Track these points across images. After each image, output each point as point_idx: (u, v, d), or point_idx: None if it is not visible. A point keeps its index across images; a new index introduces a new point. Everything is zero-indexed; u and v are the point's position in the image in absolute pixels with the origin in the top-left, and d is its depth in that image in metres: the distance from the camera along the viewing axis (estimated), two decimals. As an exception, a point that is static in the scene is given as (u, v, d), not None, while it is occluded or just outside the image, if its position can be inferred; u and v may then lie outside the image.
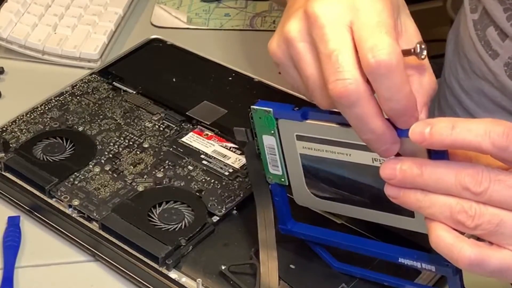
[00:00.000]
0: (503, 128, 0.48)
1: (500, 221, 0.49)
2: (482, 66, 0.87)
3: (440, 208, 0.50)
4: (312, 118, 0.56)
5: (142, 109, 0.79)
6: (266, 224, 0.62)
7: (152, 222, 0.67)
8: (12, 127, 0.76)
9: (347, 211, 0.60)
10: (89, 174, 0.71)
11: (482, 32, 0.87)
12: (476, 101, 0.91)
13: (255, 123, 0.58)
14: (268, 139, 0.58)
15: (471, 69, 0.90)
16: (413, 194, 0.51)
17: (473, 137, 0.48)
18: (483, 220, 0.49)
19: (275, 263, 0.61)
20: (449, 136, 0.48)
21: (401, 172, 0.51)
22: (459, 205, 0.49)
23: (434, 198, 0.50)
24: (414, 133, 0.50)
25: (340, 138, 0.55)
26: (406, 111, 0.51)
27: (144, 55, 0.87)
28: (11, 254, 0.67)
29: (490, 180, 0.49)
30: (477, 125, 0.48)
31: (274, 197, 0.62)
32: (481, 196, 0.49)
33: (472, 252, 0.49)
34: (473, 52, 0.89)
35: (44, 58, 0.89)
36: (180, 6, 0.99)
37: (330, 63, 0.52)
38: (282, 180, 0.61)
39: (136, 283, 0.65)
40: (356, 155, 0.55)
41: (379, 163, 0.54)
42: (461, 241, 0.50)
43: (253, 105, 0.58)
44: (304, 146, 0.57)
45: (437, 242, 0.50)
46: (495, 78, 0.86)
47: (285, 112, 0.57)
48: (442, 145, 0.49)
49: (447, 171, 0.49)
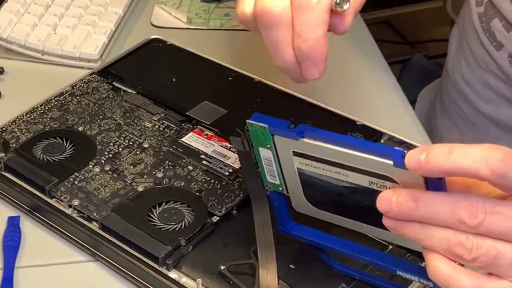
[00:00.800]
0: (502, 153, 0.47)
1: (498, 253, 0.48)
2: (486, 58, 0.88)
3: (438, 240, 0.49)
4: (308, 137, 0.55)
5: (142, 109, 0.79)
6: (263, 225, 0.62)
7: (152, 222, 0.67)
8: (12, 127, 0.76)
9: (344, 223, 0.60)
10: (89, 174, 0.71)
11: (487, 24, 0.87)
12: (479, 94, 0.91)
13: (251, 136, 0.58)
14: (264, 152, 0.58)
15: (475, 61, 0.90)
16: (411, 226, 0.50)
17: (471, 163, 0.47)
18: (480, 253, 0.48)
19: (274, 263, 0.61)
20: (446, 162, 0.47)
21: (397, 205, 0.50)
22: (456, 238, 0.49)
23: (431, 230, 0.50)
24: (410, 160, 0.49)
25: (337, 160, 0.54)
26: (311, 55, 0.52)
27: (144, 55, 0.87)
28: (11, 254, 0.67)
29: (485, 213, 0.48)
30: (475, 151, 0.47)
31: (272, 202, 0.62)
32: (477, 229, 0.48)
33: (469, 283, 0.49)
34: (477, 44, 0.89)
35: (44, 58, 0.89)
36: (180, 6, 0.99)
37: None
38: (280, 189, 0.60)
39: (136, 283, 0.65)
40: (352, 176, 0.54)
41: (376, 187, 0.53)
42: (458, 272, 0.49)
43: (248, 119, 0.57)
44: (301, 161, 0.57)
45: (434, 272, 0.50)
46: (499, 69, 0.86)
47: (280, 130, 0.56)
48: (440, 172, 0.48)
49: (442, 204, 0.49)
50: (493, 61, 0.87)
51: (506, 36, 0.85)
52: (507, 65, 0.85)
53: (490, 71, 0.88)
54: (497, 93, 0.88)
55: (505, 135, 0.89)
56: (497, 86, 0.88)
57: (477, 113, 0.91)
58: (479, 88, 0.90)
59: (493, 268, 0.49)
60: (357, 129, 0.76)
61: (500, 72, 0.86)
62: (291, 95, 0.80)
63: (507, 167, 0.47)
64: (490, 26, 0.86)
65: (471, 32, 0.91)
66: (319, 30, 0.51)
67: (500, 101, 0.88)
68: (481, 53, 0.89)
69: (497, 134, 0.90)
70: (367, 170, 0.53)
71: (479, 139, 0.91)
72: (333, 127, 0.76)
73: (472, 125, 0.93)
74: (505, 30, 0.84)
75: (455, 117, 0.95)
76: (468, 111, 0.93)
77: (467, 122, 0.93)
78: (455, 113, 0.95)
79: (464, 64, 0.93)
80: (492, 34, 0.86)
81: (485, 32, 0.87)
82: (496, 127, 0.90)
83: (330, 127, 0.76)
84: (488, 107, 0.90)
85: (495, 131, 0.90)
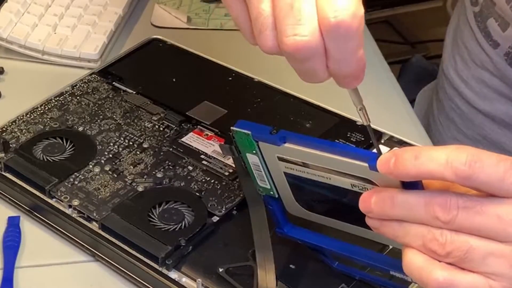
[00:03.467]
0: (466, 155, 0.47)
1: (469, 248, 0.48)
2: (482, 55, 0.88)
3: (413, 237, 0.50)
4: (290, 142, 0.55)
5: (142, 109, 0.79)
6: (260, 227, 0.62)
7: (152, 222, 0.67)
8: (12, 127, 0.76)
9: (335, 225, 0.60)
10: (89, 174, 0.71)
11: (482, 23, 0.87)
12: (475, 91, 0.91)
13: (237, 143, 0.58)
14: (252, 157, 0.58)
15: (471, 59, 0.91)
16: (389, 225, 0.51)
17: (436, 166, 0.47)
18: (453, 247, 0.49)
19: (272, 264, 0.61)
20: (413, 167, 0.48)
21: (375, 205, 0.51)
22: (430, 233, 0.49)
23: (407, 227, 0.50)
24: (381, 165, 0.49)
25: (319, 164, 0.55)
26: (353, 74, 0.50)
27: (144, 55, 0.87)
28: (11, 254, 0.67)
29: (458, 208, 0.48)
30: (440, 154, 0.48)
31: (267, 205, 0.62)
32: (451, 224, 0.49)
33: (442, 275, 0.49)
34: (473, 42, 0.89)
35: (44, 58, 0.89)
36: (180, 6, 0.99)
37: (291, 12, 0.49)
38: (271, 193, 0.60)
39: (136, 283, 0.65)
40: (335, 179, 0.55)
41: (358, 189, 0.54)
42: (431, 263, 0.49)
43: (233, 126, 0.57)
44: (286, 166, 0.57)
45: (408, 265, 0.50)
46: (495, 66, 0.86)
47: (263, 136, 0.56)
48: (408, 176, 0.49)
49: (417, 201, 0.49)
50: (489, 59, 0.87)
51: (502, 35, 0.85)
52: (503, 63, 0.85)
53: (485, 69, 0.88)
54: (492, 90, 0.88)
55: (501, 130, 0.89)
56: (492, 82, 0.88)
57: (473, 109, 0.92)
58: (474, 85, 0.91)
59: (466, 264, 0.49)
60: (357, 129, 0.76)
61: (496, 70, 0.87)
62: (291, 95, 0.80)
63: (471, 170, 0.47)
64: (486, 25, 0.87)
65: (466, 31, 0.91)
66: (361, 51, 0.49)
67: (496, 97, 0.88)
68: (477, 51, 0.89)
69: (493, 129, 0.90)
70: (348, 173, 0.54)
71: (476, 135, 0.92)
72: (333, 127, 0.77)
73: (468, 122, 0.93)
74: (500, 30, 0.85)
75: (451, 113, 0.95)
76: (464, 107, 0.93)
77: (463, 118, 0.94)
78: (451, 110, 0.95)
79: (460, 62, 0.93)
80: (488, 33, 0.86)
81: (481, 31, 0.88)
82: (492, 123, 0.90)
83: (330, 127, 0.77)
84: (484, 103, 0.90)
85: (491, 127, 0.90)
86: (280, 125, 0.76)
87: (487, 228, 0.48)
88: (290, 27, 0.49)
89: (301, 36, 0.48)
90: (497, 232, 0.48)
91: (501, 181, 0.48)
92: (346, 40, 0.48)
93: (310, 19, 0.48)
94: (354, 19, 0.48)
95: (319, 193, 0.58)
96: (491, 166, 0.47)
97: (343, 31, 0.48)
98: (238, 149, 0.59)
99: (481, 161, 0.47)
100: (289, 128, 0.56)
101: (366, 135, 0.75)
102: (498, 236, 0.48)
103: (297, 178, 0.57)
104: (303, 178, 0.57)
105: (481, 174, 0.47)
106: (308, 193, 0.59)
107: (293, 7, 0.49)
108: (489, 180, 0.47)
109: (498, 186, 0.48)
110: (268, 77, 0.82)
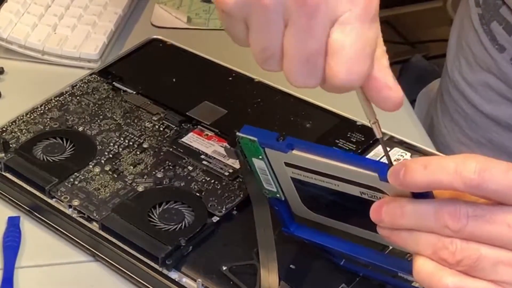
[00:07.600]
0: (475, 164, 0.47)
1: (480, 256, 0.48)
2: (488, 59, 0.87)
3: (423, 246, 0.50)
4: (298, 149, 0.55)
5: (142, 109, 0.79)
6: (264, 226, 0.62)
7: (152, 222, 0.67)
8: (12, 127, 0.76)
9: (344, 228, 0.60)
10: (89, 174, 0.71)
11: (487, 26, 0.87)
12: (481, 94, 0.91)
13: (243, 147, 0.58)
14: (258, 162, 0.58)
15: (476, 62, 0.90)
16: (399, 234, 0.51)
17: (445, 176, 0.47)
18: (464, 255, 0.49)
19: (274, 264, 0.61)
20: (422, 177, 0.48)
21: (386, 215, 0.51)
22: (440, 242, 0.49)
23: (418, 236, 0.50)
24: (391, 176, 0.50)
25: (328, 171, 0.54)
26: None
27: (144, 55, 0.87)
28: (11, 254, 0.67)
29: (468, 217, 0.48)
30: (448, 163, 0.48)
31: (273, 207, 0.62)
32: (461, 233, 0.49)
33: (452, 281, 0.49)
34: (478, 45, 0.89)
35: (44, 58, 0.89)
36: (180, 6, 0.99)
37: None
38: (278, 195, 0.60)
39: (136, 284, 0.65)
40: (344, 186, 0.55)
41: (368, 196, 0.54)
42: (441, 270, 0.49)
43: (238, 132, 0.57)
44: (293, 171, 0.57)
45: (418, 271, 0.50)
46: (501, 70, 0.86)
47: (269, 143, 0.56)
48: (417, 187, 0.49)
49: (427, 210, 0.49)
50: (494, 63, 0.86)
51: (508, 39, 0.84)
52: (509, 67, 0.84)
53: (491, 72, 0.88)
54: (498, 93, 0.88)
55: (507, 133, 0.89)
56: (498, 86, 0.88)
57: (478, 112, 0.91)
58: (480, 89, 0.90)
59: (476, 272, 0.49)
60: (357, 129, 0.76)
61: (501, 74, 0.86)
62: (291, 95, 0.80)
63: (480, 178, 0.47)
64: (490, 28, 0.86)
65: (471, 33, 0.90)
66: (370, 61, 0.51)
67: (501, 100, 0.88)
68: (481, 54, 0.88)
69: (498, 132, 0.90)
70: (357, 182, 0.53)
71: (481, 138, 0.92)
72: (333, 127, 0.77)
73: (474, 124, 0.93)
74: (506, 33, 0.84)
75: (456, 116, 0.95)
76: (469, 110, 0.93)
77: (468, 121, 0.93)
78: (456, 113, 0.95)
79: (465, 65, 0.92)
80: (494, 37, 0.86)
81: (486, 34, 0.87)
82: (498, 126, 0.90)
83: (330, 127, 0.77)
84: (489, 106, 0.90)
85: (496, 130, 0.90)
86: (280, 125, 0.76)
87: (497, 237, 0.48)
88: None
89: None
90: (507, 241, 0.48)
91: (510, 189, 0.47)
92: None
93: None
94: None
95: (326, 198, 0.58)
96: (500, 174, 0.47)
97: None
98: (244, 153, 0.59)
99: (490, 169, 0.47)
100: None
101: (366, 135, 0.75)
102: (508, 245, 0.48)
103: (305, 183, 0.57)
104: (311, 184, 0.57)
105: (490, 183, 0.47)
106: (316, 197, 0.58)
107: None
108: (498, 188, 0.47)
109: (507, 194, 0.47)
110: (268, 77, 0.82)
